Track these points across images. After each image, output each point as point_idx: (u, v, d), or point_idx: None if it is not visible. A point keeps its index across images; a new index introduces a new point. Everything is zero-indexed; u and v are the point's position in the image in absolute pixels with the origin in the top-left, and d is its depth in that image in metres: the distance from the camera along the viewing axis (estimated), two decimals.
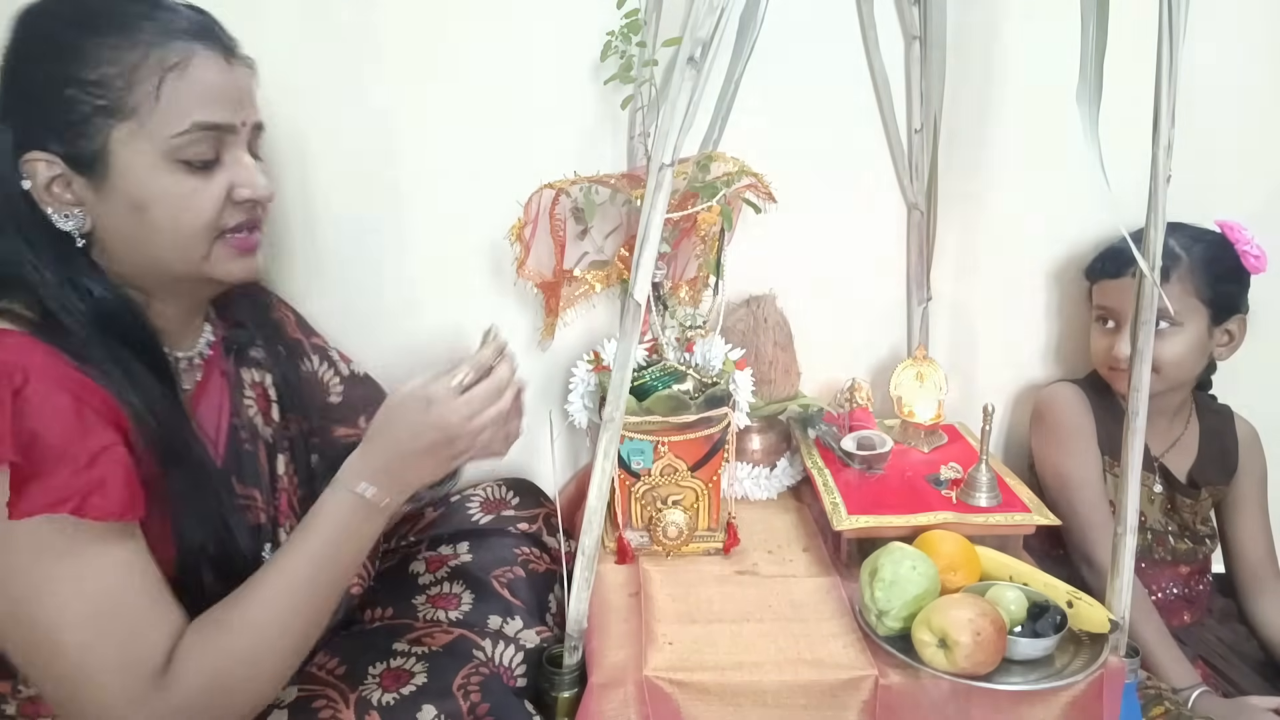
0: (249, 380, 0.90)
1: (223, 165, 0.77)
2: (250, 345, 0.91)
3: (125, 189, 0.73)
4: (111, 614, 0.67)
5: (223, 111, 0.75)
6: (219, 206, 0.76)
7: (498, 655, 0.88)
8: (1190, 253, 1.15)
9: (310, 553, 0.76)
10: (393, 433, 0.79)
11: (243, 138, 0.79)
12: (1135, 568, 0.90)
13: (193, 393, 0.84)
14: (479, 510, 1.09)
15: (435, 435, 0.79)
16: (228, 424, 0.86)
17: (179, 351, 0.83)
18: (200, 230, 0.76)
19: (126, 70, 0.71)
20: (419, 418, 0.79)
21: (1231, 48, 1.21)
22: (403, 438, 0.79)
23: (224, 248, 0.78)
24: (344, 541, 0.77)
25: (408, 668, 0.82)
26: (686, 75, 0.74)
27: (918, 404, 1.23)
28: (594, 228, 1.17)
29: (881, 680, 0.85)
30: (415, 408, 0.79)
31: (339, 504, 0.78)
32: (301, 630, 0.75)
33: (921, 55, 1.19)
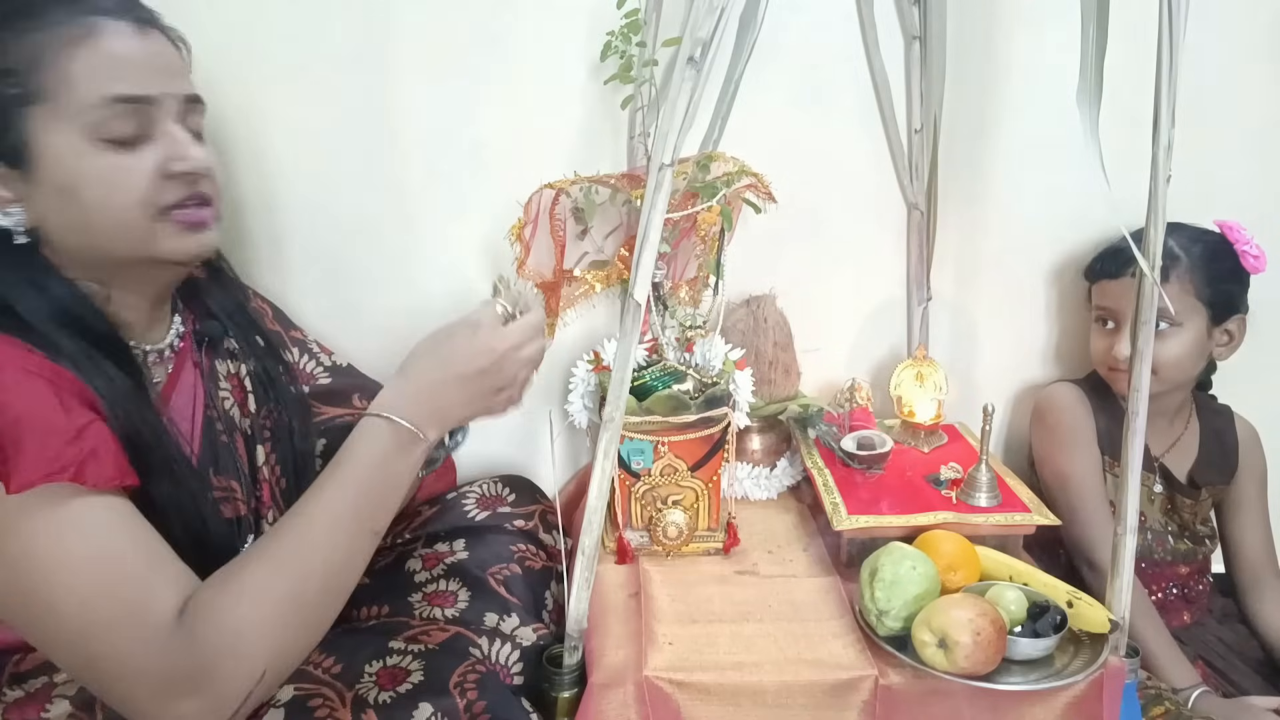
0: (224, 371, 0.89)
1: (151, 140, 0.74)
2: (223, 336, 0.90)
3: (53, 176, 0.71)
4: (115, 574, 0.66)
5: (139, 83, 0.73)
6: (151, 182, 0.74)
7: (494, 653, 0.87)
8: (1190, 253, 1.15)
9: (347, 483, 0.74)
10: (437, 356, 0.78)
11: (168, 110, 0.76)
12: (1135, 568, 0.90)
13: (164, 385, 0.83)
14: (475, 507, 1.09)
15: (482, 361, 0.78)
16: (202, 416, 0.85)
17: (147, 344, 0.82)
18: (134, 208, 0.74)
19: (35, 53, 0.70)
20: (466, 341, 0.78)
21: (1231, 48, 1.21)
22: (449, 361, 0.77)
23: (168, 225, 0.76)
24: (380, 473, 0.75)
25: (404, 666, 0.82)
26: (686, 75, 0.74)
27: (918, 404, 1.23)
28: (594, 228, 1.17)
29: (881, 680, 0.85)
30: (462, 332, 0.78)
31: (375, 432, 0.76)
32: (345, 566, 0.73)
33: (921, 55, 1.19)
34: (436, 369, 0.78)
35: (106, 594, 0.66)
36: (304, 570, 0.72)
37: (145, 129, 0.74)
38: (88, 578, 0.65)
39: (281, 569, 0.71)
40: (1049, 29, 1.17)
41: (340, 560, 0.74)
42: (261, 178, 1.13)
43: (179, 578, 0.70)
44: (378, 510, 0.76)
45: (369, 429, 0.76)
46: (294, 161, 1.13)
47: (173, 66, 0.78)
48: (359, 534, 0.75)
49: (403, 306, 1.20)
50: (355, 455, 0.75)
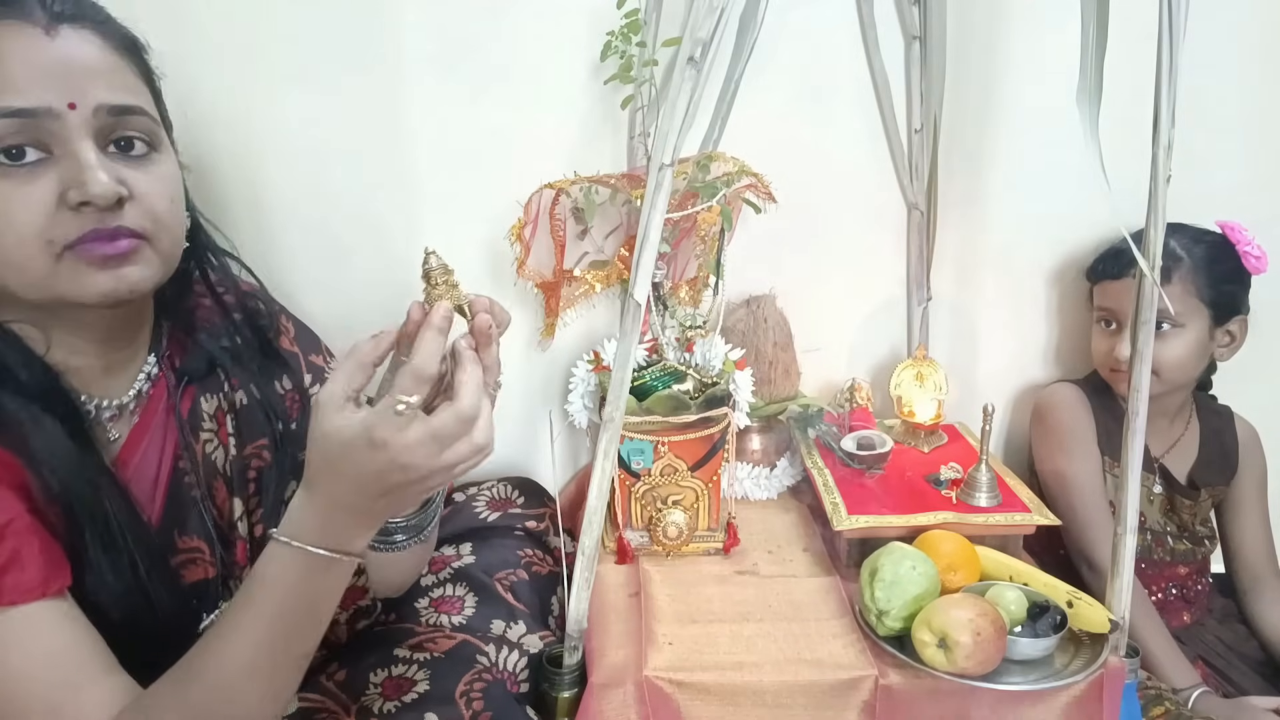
0: (211, 409, 0.79)
1: (53, 162, 0.62)
2: (212, 368, 0.80)
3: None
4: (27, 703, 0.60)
5: (33, 93, 0.61)
6: (44, 215, 0.61)
7: (501, 660, 0.87)
8: (1191, 254, 1.15)
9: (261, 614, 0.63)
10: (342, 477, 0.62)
11: (77, 124, 0.63)
12: (1135, 568, 0.90)
13: (123, 443, 0.73)
14: (486, 508, 1.09)
15: (400, 474, 0.61)
16: (169, 470, 0.75)
17: (104, 398, 0.72)
18: (24, 246, 0.61)
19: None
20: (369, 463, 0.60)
21: (1231, 48, 1.21)
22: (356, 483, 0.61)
23: (72, 263, 0.63)
24: (301, 600, 0.63)
25: (410, 675, 0.82)
26: (686, 75, 0.74)
27: (918, 404, 1.23)
28: (594, 228, 1.17)
29: (881, 680, 0.85)
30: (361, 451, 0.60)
31: (285, 559, 0.63)
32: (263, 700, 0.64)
33: (921, 55, 1.19)
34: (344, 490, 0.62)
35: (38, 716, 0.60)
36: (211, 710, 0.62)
37: (45, 148, 0.62)
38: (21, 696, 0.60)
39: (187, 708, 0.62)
40: (1049, 29, 1.17)
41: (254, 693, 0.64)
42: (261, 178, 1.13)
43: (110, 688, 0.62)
44: (299, 636, 0.65)
45: (276, 558, 0.63)
46: (294, 162, 1.13)
47: (93, 71, 0.64)
48: (274, 664, 0.64)
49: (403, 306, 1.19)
50: (264, 590, 0.63)
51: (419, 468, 0.61)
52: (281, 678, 0.66)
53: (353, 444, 0.60)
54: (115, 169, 0.64)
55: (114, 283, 0.65)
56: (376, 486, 0.62)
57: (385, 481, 0.61)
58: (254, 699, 0.64)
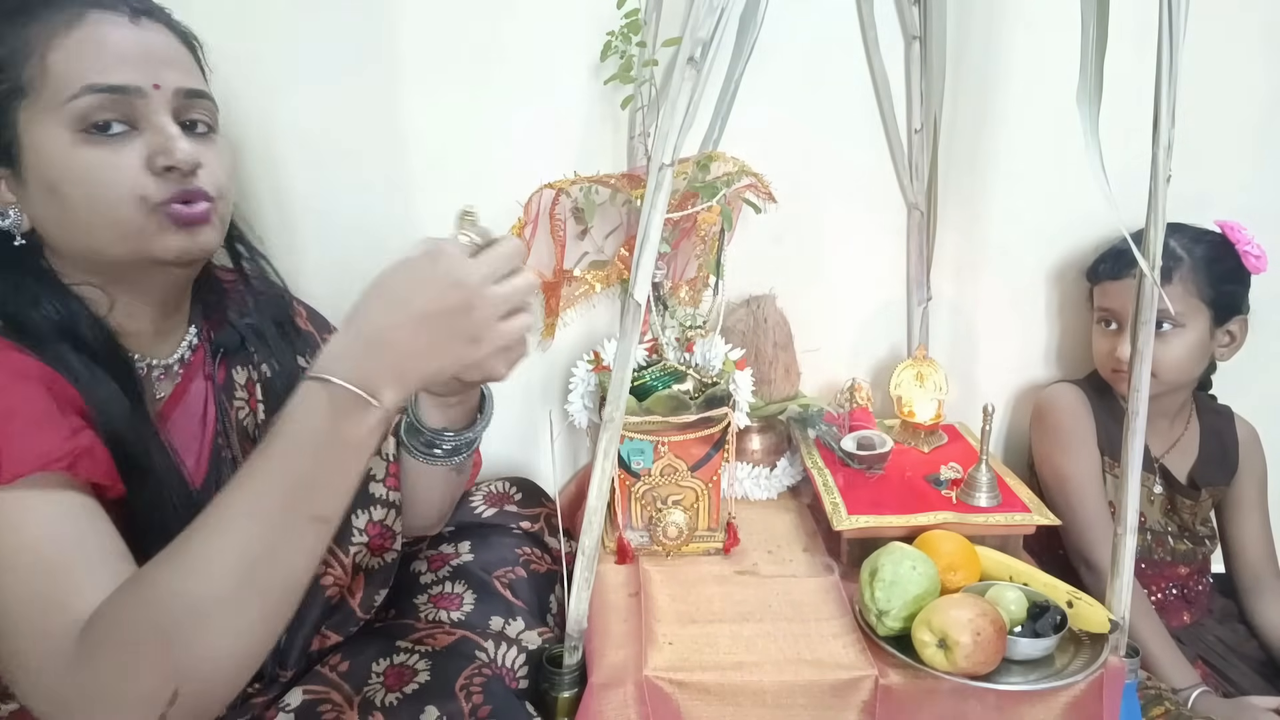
0: (243, 380, 0.86)
1: (139, 134, 0.71)
2: (242, 343, 0.86)
3: (39, 173, 0.69)
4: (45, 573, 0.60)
5: (123, 72, 0.69)
6: (136, 178, 0.70)
7: (500, 656, 0.87)
8: (1192, 253, 1.15)
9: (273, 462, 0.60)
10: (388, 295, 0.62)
11: (159, 103, 0.71)
12: (1135, 568, 0.90)
13: (166, 400, 0.80)
14: (483, 504, 1.09)
15: (447, 297, 0.61)
16: (212, 430, 0.82)
17: (154, 358, 0.79)
18: (122, 205, 0.70)
19: (20, 46, 0.67)
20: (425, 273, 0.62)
21: (1231, 48, 1.21)
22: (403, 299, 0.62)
23: (159, 222, 0.71)
24: (321, 449, 0.60)
25: (411, 665, 0.82)
26: (686, 75, 0.74)
27: (918, 404, 1.23)
28: (594, 228, 1.17)
29: (881, 680, 0.85)
30: (419, 263, 0.62)
31: (312, 398, 0.60)
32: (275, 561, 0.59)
33: (921, 55, 1.19)
34: (388, 311, 0.62)
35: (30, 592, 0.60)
36: (218, 569, 0.58)
37: (132, 122, 0.70)
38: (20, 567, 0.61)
39: (190, 569, 0.58)
40: (1049, 29, 1.17)
41: (266, 552, 0.59)
42: (262, 178, 1.13)
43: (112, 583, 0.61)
44: (318, 493, 0.61)
45: (305, 395, 0.61)
46: (294, 162, 1.13)
47: (169, 58, 0.73)
48: (291, 523, 0.60)
49: None
50: (289, 426, 0.61)
51: (471, 291, 0.62)
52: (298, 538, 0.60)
53: (412, 258, 0.63)
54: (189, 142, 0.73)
55: (189, 242, 0.73)
56: (424, 306, 0.62)
57: (435, 301, 0.62)
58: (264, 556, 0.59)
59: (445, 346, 0.64)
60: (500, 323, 0.65)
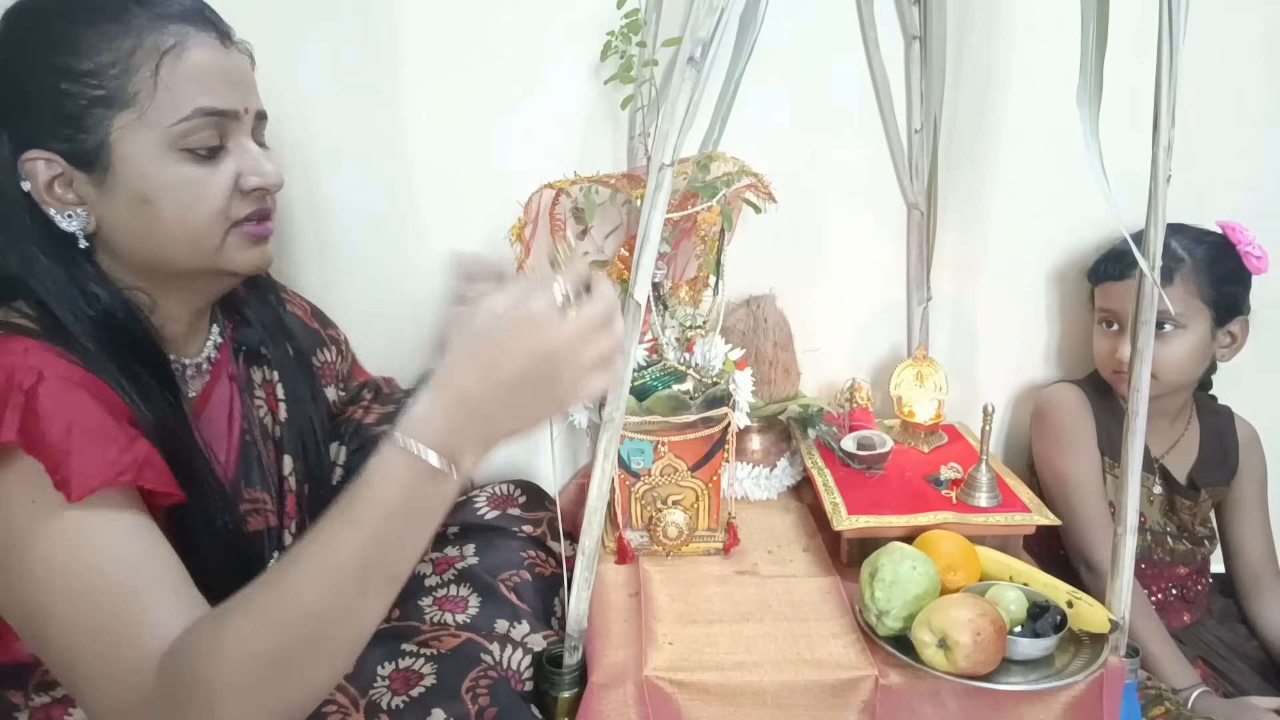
0: (259, 379, 0.89)
1: (228, 153, 0.75)
2: (260, 343, 0.89)
3: (129, 182, 0.71)
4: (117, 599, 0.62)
5: (225, 97, 0.73)
6: (227, 196, 0.74)
7: (505, 659, 0.87)
8: (1193, 254, 1.15)
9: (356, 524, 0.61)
10: (477, 360, 0.61)
11: (246, 124, 0.77)
12: (1135, 568, 0.90)
13: (197, 398, 0.83)
14: (486, 505, 1.09)
15: (535, 367, 0.61)
16: (238, 427, 0.85)
17: (186, 358, 0.82)
18: (210, 221, 0.74)
19: (121, 57, 0.69)
20: (515, 341, 0.60)
21: (1231, 48, 1.21)
22: (493, 367, 0.60)
23: (237, 237, 0.76)
24: (400, 513, 0.61)
25: (417, 669, 0.82)
26: (686, 75, 0.74)
27: (918, 404, 1.23)
28: (594, 228, 1.17)
29: (881, 680, 0.85)
30: (509, 327, 0.61)
31: (396, 464, 0.61)
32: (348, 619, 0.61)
33: (921, 55, 1.19)
34: (477, 380, 0.61)
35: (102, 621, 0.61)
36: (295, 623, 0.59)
37: (223, 142, 0.74)
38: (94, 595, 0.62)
39: (267, 620, 0.60)
40: (1049, 29, 1.17)
41: (340, 612, 0.60)
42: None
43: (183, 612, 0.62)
44: (395, 555, 0.62)
45: (389, 460, 0.61)
46: (295, 162, 1.13)
47: (249, 80, 0.78)
48: (368, 582, 0.61)
49: (404, 305, 1.20)
50: (370, 492, 0.61)
51: (561, 360, 0.61)
52: (371, 598, 0.62)
53: (505, 320, 0.61)
54: None
55: (261, 257, 0.79)
56: (512, 376, 0.61)
57: (523, 371, 0.61)
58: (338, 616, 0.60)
59: (529, 413, 0.64)
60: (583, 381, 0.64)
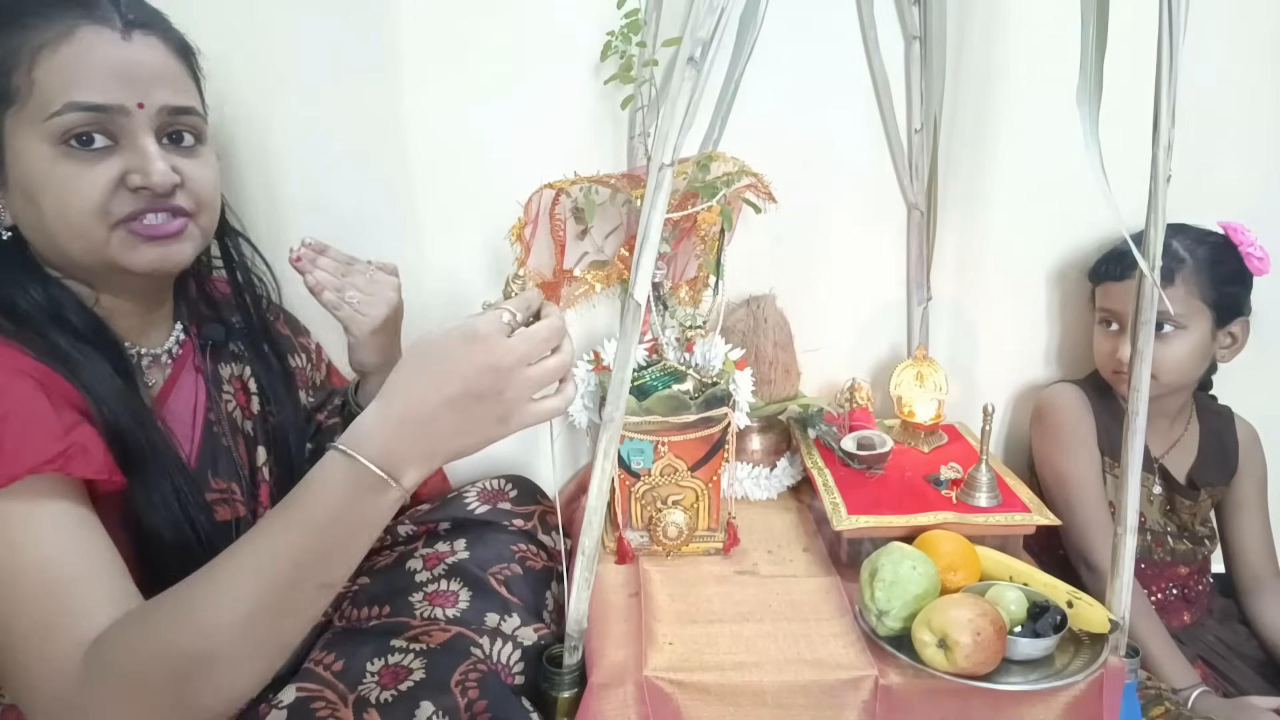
0: (227, 375, 0.90)
1: (119, 149, 0.72)
2: (227, 341, 0.90)
3: (17, 177, 0.71)
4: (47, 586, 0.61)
5: (108, 91, 0.70)
6: (105, 193, 0.72)
7: (495, 653, 0.88)
8: (1194, 255, 1.15)
9: (291, 527, 0.61)
10: (423, 375, 0.63)
11: (142, 121, 0.73)
12: (1135, 568, 0.90)
13: (161, 387, 0.83)
14: (476, 500, 1.09)
15: (480, 382, 0.63)
16: (203, 419, 0.85)
17: (145, 348, 0.83)
18: (86, 218, 0.72)
19: (7, 54, 0.69)
20: (460, 356, 0.63)
21: (1232, 47, 1.21)
22: (438, 381, 0.62)
23: (125, 235, 0.74)
24: (337, 521, 0.62)
25: (406, 664, 0.82)
26: (686, 75, 0.73)
27: (918, 404, 1.23)
28: (594, 228, 1.17)
29: (881, 680, 0.85)
30: (455, 344, 0.63)
31: (336, 471, 0.62)
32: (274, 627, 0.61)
33: (921, 55, 1.19)
34: (421, 394, 0.63)
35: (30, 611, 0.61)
36: (225, 625, 0.60)
37: (113, 137, 0.72)
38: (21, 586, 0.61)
39: (198, 622, 0.60)
40: (1049, 29, 1.17)
41: (267, 615, 0.61)
42: (263, 178, 1.13)
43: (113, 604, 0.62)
44: (328, 563, 0.63)
45: (330, 466, 0.62)
46: (295, 162, 1.13)
47: (159, 75, 0.74)
48: (298, 588, 0.62)
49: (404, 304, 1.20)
50: (308, 496, 0.62)
51: (505, 375, 0.63)
52: (300, 604, 0.62)
53: (452, 335, 0.64)
54: (170, 158, 0.75)
55: (162, 257, 0.76)
56: (457, 389, 0.63)
57: (468, 385, 0.63)
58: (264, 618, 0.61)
59: (474, 429, 0.65)
60: (530, 404, 0.67)
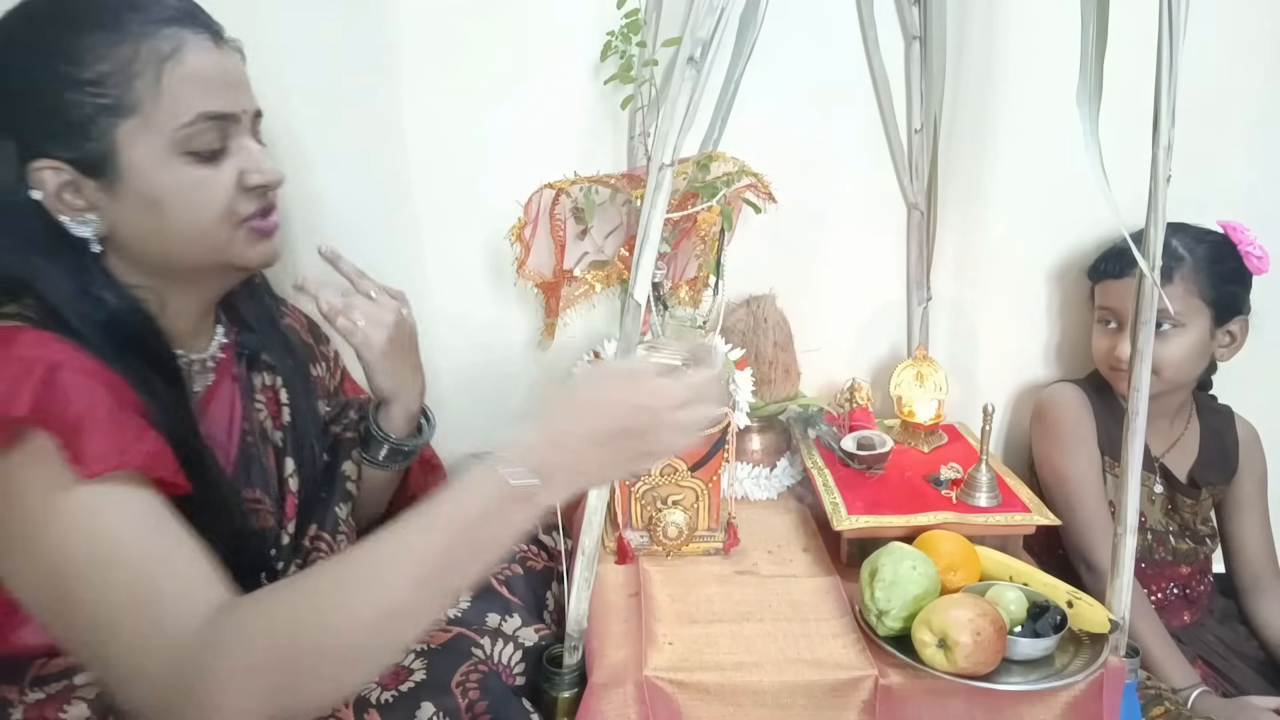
0: (260, 384, 0.90)
1: (229, 153, 0.76)
2: (261, 349, 0.91)
3: (138, 187, 0.72)
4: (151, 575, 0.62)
5: (224, 100, 0.75)
6: (231, 195, 0.76)
7: (496, 653, 0.88)
8: (1194, 253, 1.15)
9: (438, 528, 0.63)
10: (580, 406, 0.68)
11: (245, 125, 0.78)
12: (1135, 568, 0.90)
13: (203, 395, 0.84)
14: None
15: (634, 420, 0.67)
16: (239, 427, 0.86)
17: (193, 354, 0.83)
18: (217, 220, 0.76)
19: (122, 65, 0.70)
20: (619, 393, 0.68)
21: (1232, 48, 1.21)
22: (595, 414, 0.67)
23: (244, 234, 0.78)
24: (482, 528, 0.64)
25: (406, 664, 0.82)
26: (686, 75, 0.74)
27: (918, 404, 1.23)
28: (594, 228, 1.17)
29: (881, 680, 0.85)
30: (620, 379, 0.69)
31: (487, 480, 0.64)
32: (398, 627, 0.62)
33: (921, 55, 1.19)
34: (577, 423, 0.67)
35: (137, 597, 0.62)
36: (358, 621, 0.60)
37: (225, 143, 0.76)
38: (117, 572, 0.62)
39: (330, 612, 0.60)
40: (1049, 29, 1.17)
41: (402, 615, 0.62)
42: None
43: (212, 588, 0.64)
44: (466, 567, 0.64)
45: (482, 477, 0.64)
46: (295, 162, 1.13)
47: (244, 80, 0.79)
48: (435, 590, 0.63)
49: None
50: (459, 499, 0.64)
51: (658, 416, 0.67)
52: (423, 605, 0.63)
53: (615, 372, 0.71)
54: None
55: (270, 251, 0.81)
56: (613, 423, 0.67)
57: (624, 421, 0.67)
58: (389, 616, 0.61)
59: (620, 462, 0.70)
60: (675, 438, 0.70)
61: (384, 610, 0.61)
